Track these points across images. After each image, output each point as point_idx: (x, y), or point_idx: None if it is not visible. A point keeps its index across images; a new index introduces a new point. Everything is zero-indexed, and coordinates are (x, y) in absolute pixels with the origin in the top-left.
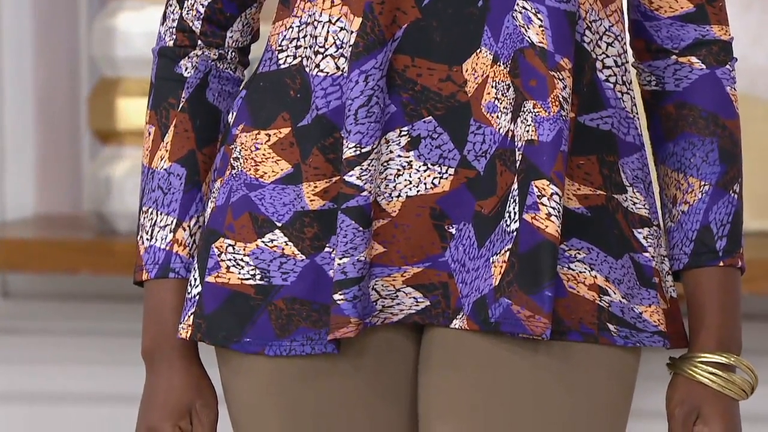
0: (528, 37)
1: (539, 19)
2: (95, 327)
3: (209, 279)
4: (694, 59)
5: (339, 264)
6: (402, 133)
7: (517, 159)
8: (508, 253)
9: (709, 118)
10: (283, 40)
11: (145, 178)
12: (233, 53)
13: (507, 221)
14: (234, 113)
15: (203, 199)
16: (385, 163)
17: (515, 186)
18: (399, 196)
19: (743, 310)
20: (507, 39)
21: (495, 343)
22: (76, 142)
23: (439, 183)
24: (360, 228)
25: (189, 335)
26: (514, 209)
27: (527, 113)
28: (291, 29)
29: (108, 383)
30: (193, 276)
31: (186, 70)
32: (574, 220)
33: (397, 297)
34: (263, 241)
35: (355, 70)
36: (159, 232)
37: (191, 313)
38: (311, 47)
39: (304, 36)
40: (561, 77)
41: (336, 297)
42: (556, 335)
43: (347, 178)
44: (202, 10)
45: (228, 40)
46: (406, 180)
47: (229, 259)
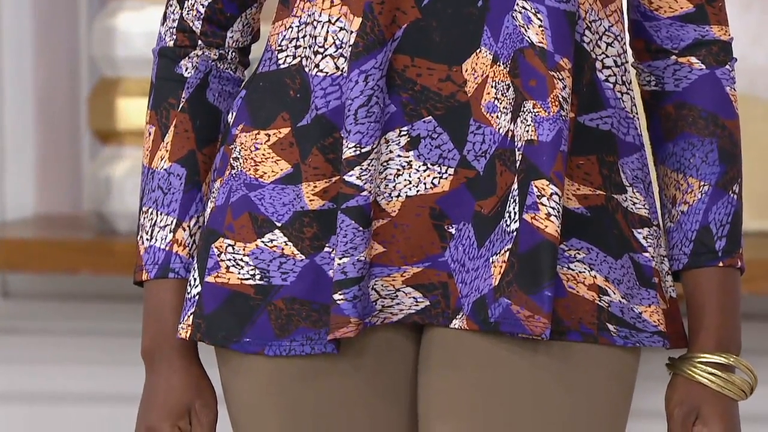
0: (528, 37)
1: (539, 19)
2: (95, 327)
3: (209, 279)
4: (693, 59)
5: (339, 264)
6: (402, 133)
7: (517, 159)
8: (507, 253)
9: (709, 118)
10: (283, 40)
11: (145, 178)
12: (233, 53)
13: (507, 221)
14: (234, 113)
15: (203, 200)
16: (385, 163)
17: (515, 186)
18: (399, 196)
19: (743, 310)
20: (507, 39)
21: (494, 343)
22: (76, 142)
23: (439, 183)
24: (360, 228)
25: (189, 335)
26: (514, 209)
27: (527, 113)
28: (290, 29)
29: (108, 383)
30: (193, 276)
31: (186, 70)
32: (573, 220)
33: (397, 297)
34: (263, 241)
35: (355, 69)
36: (159, 232)
37: (191, 313)
38: (311, 47)
39: (303, 36)
40: (561, 77)
41: (336, 297)
42: (555, 335)
43: (347, 177)
44: (202, 10)
45: (228, 40)
46: (405, 180)
47: (229, 259)
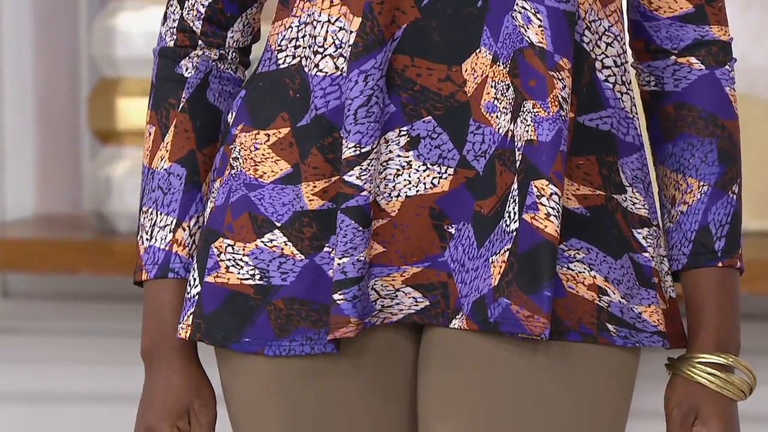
0: (527, 37)
1: (539, 19)
2: (95, 327)
3: (208, 279)
4: (693, 60)
5: (338, 264)
6: (401, 133)
7: (517, 159)
8: (507, 253)
9: (708, 118)
10: (283, 40)
11: (146, 178)
12: (234, 53)
13: (506, 221)
14: (233, 113)
15: (203, 200)
16: (385, 163)
17: (515, 186)
18: (398, 195)
19: (743, 310)
20: (506, 39)
21: (494, 343)
22: (76, 142)
23: (439, 183)
24: (359, 228)
25: (188, 335)
26: (513, 209)
27: (527, 113)
28: (290, 29)
29: (108, 383)
30: (193, 276)
31: (186, 70)
32: (573, 220)
33: (397, 297)
34: (262, 241)
35: (355, 69)
36: (159, 232)
37: (190, 313)
38: (310, 47)
39: (303, 36)
40: (560, 77)
41: (335, 297)
42: (555, 335)
43: (347, 177)
44: (202, 10)
45: (229, 40)
46: (405, 180)
47: (229, 259)
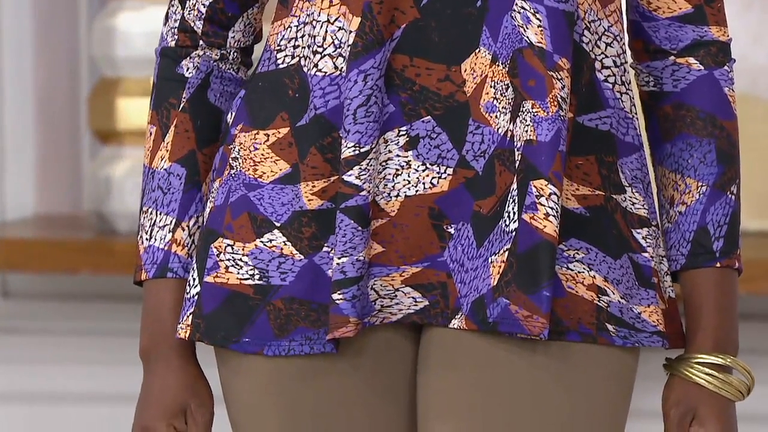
0: (527, 37)
1: (538, 19)
2: (95, 327)
3: (208, 279)
4: (692, 60)
5: (338, 263)
6: (400, 133)
7: (516, 159)
8: (506, 253)
9: (707, 119)
10: (282, 39)
11: (146, 178)
12: (235, 53)
13: (506, 221)
14: (233, 113)
15: (203, 200)
16: (384, 163)
17: (514, 186)
18: (398, 195)
19: (742, 310)
20: (506, 39)
21: (493, 343)
22: (76, 142)
23: (438, 183)
24: (359, 227)
25: (188, 335)
26: (513, 209)
27: (526, 113)
28: (289, 29)
29: (108, 383)
30: (192, 276)
31: (187, 70)
32: (572, 220)
33: (396, 297)
34: (262, 241)
35: (354, 69)
36: (158, 232)
37: (190, 313)
38: (309, 47)
39: (302, 36)
40: (559, 77)
41: (335, 297)
42: (554, 335)
43: (346, 177)
44: (203, 10)
45: (230, 40)
46: (404, 180)
47: (228, 259)
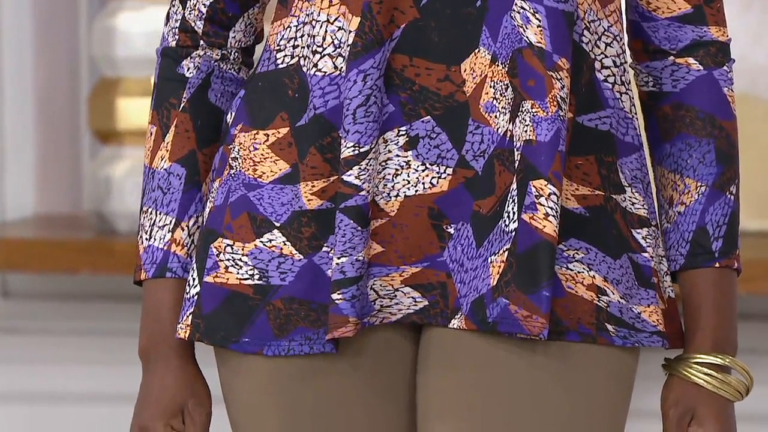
0: (526, 37)
1: (537, 19)
2: (95, 327)
3: (208, 279)
4: (691, 60)
5: (337, 263)
6: (400, 133)
7: (516, 159)
8: (506, 253)
9: (706, 119)
10: (281, 39)
11: (146, 177)
12: (236, 54)
13: (506, 221)
14: (232, 113)
15: (203, 200)
16: (384, 163)
17: (514, 186)
18: (397, 195)
19: (742, 309)
20: (505, 39)
21: (493, 343)
22: (76, 142)
23: (438, 183)
24: (358, 227)
25: (188, 335)
26: (512, 209)
27: (525, 113)
28: (289, 29)
29: (108, 383)
30: (192, 276)
31: (188, 70)
32: (572, 220)
33: (396, 297)
34: (261, 241)
35: (354, 69)
36: (158, 231)
37: (190, 313)
38: (309, 47)
39: (301, 36)
40: (559, 77)
41: (334, 296)
42: (554, 335)
43: (345, 177)
44: (203, 10)
45: (230, 40)
46: (404, 180)
47: (228, 259)
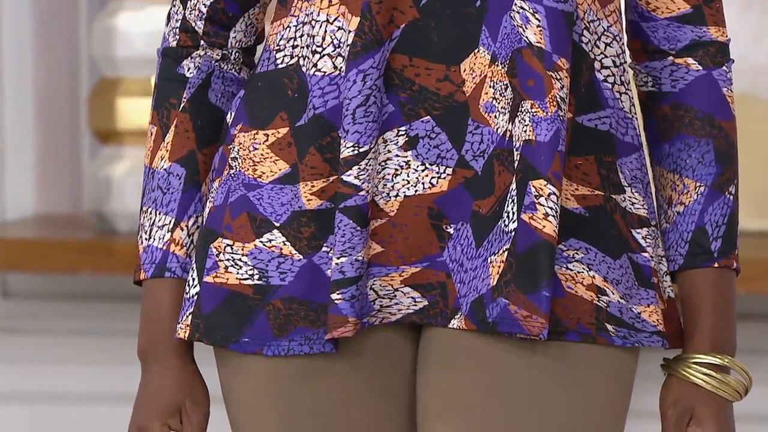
0: (526, 37)
1: (537, 19)
2: (95, 327)
3: (207, 279)
4: (690, 60)
5: (337, 263)
6: (400, 133)
7: (515, 159)
8: (505, 253)
9: (705, 119)
10: (281, 39)
11: (146, 177)
12: (237, 54)
13: (505, 221)
14: (232, 113)
15: (203, 200)
16: (383, 163)
17: (513, 186)
18: (397, 195)
19: (742, 310)
20: (505, 39)
21: (493, 343)
22: (76, 142)
23: (437, 183)
24: (358, 227)
25: (187, 335)
26: (512, 209)
27: (525, 113)
28: (288, 29)
29: (108, 383)
30: (192, 276)
31: (188, 70)
32: (572, 220)
33: (395, 297)
34: (261, 241)
35: (353, 69)
36: (157, 231)
37: (189, 313)
38: (308, 47)
39: (301, 35)
40: (558, 77)
41: (334, 296)
42: (554, 335)
43: (345, 177)
44: (204, 10)
45: (231, 40)
46: (404, 180)
47: (228, 259)
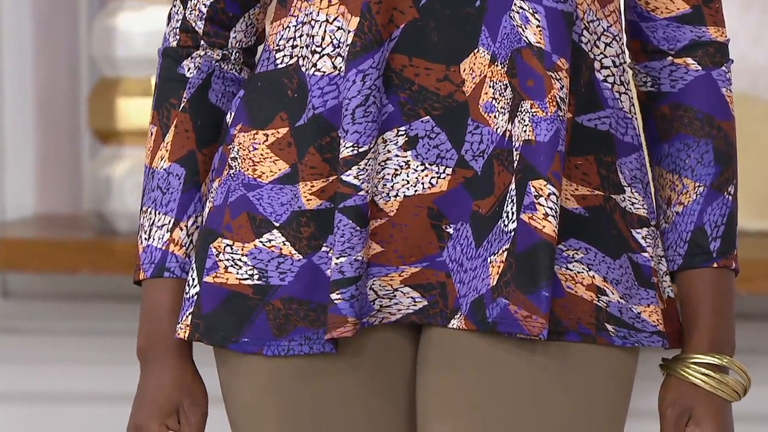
0: (525, 37)
1: (537, 20)
2: (95, 327)
3: (207, 279)
4: (689, 60)
5: (336, 263)
6: (399, 133)
7: (515, 159)
8: (505, 253)
9: (705, 119)
10: (281, 39)
11: (146, 177)
12: (237, 54)
13: (505, 221)
14: (232, 113)
15: (202, 200)
16: (383, 163)
17: (513, 186)
18: (397, 195)
19: (742, 310)
20: (504, 39)
21: (492, 343)
22: (76, 142)
23: (437, 183)
24: (357, 227)
25: (187, 335)
26: (511, 209)
27: (524, 113)
28: (288, 29)
29: (108, 383)
30: (191, 276)
31: (188, 70)
32: (571, 220)
33: (395, 297)
34: (261, 241)
35: (353, 69)
36: (156, 231)
37: (189, 313)
38: (308, 47)
39: (300, 35)
40: (558, 77)
41: (333, 296)
42: (553, 335)
43: (344, 177)
44: (204, 10)
45: (231, 40)
46: (403, 180)
47: (227, 259)
